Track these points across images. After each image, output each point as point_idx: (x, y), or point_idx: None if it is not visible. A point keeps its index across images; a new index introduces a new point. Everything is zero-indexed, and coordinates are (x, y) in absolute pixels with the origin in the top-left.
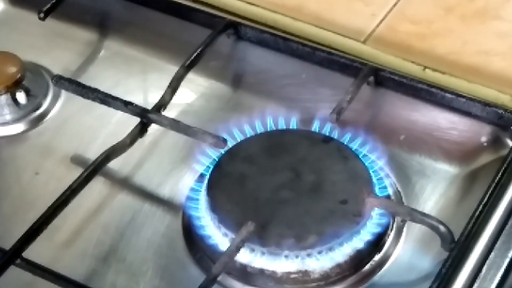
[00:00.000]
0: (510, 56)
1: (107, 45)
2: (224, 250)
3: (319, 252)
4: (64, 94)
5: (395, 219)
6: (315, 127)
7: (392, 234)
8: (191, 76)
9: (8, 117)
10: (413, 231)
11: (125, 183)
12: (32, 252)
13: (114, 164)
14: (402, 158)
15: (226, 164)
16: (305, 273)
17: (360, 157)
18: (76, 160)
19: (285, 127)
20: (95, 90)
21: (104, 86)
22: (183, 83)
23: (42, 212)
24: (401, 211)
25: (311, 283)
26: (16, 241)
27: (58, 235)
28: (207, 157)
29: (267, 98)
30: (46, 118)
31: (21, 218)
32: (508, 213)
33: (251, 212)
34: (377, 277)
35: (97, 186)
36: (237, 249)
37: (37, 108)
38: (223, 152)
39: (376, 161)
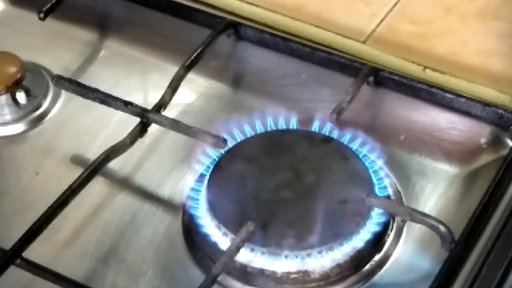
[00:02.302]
0: (510, 56)
1: (107, 45)
2: (224, 250)
3: (319, 252)
4: (64, 94)
5: (395, 219)
6: (315, 127)
7: (392, 234)
8: (191, 76)
9: (8, 117)
10: (413, 231)
11: (125, 183)
12: (32, 252)
13: (114, 164)
14: (402, 158)
15: (226, 164)
16: (305, 273)
17: (360, 157)
18: (76, 160)
19: (285, 127)
20: (95, 90)
21: (104, 86)
22: (183, 83)
23: (42, 212)
24: (401, 211)
25: (311, 283)
26: (16, 241)
27: (58, 235)
28: (207, 157)
29: (267, 98)
30: (46, 118)
31: (21, 218)
32: (508, 213)
33: (251, 212)
34: (377, 277)
35: (97, 186)
36: (237, 249)
37: (37, 108)
38: (223, 152)
39: (376, 161)
